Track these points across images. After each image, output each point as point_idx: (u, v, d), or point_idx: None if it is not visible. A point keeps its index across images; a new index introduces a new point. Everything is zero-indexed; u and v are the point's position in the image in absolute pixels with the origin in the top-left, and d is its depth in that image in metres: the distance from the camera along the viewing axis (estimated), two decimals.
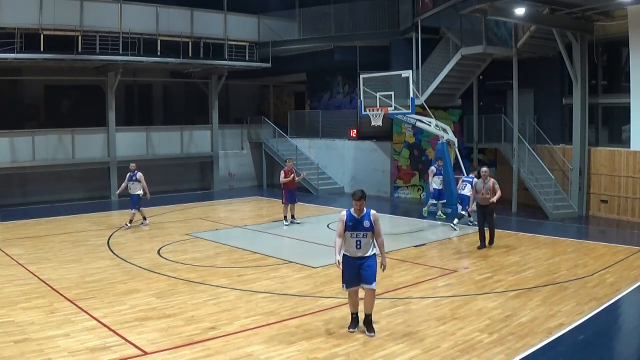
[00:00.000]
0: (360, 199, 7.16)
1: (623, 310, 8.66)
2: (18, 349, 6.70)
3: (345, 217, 7.19)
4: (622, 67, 16.84)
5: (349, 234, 7.13)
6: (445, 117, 19.59)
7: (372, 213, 7.16)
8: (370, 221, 7.11)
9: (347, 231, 7.13)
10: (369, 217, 7.13)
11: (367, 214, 7.14)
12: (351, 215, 7.17)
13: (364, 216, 7.13)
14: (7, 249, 12.16)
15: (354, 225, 7.12)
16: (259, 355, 6.63)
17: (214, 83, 23.17)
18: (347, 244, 7.16)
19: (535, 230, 14.39)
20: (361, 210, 7.16)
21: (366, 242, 7.12)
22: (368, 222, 7.11)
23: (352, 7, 22.14)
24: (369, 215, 7.14)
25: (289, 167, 15.45)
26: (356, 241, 7.11)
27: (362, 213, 7.15)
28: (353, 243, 7.13)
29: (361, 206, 7.15)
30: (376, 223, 7.13)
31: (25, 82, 21.18)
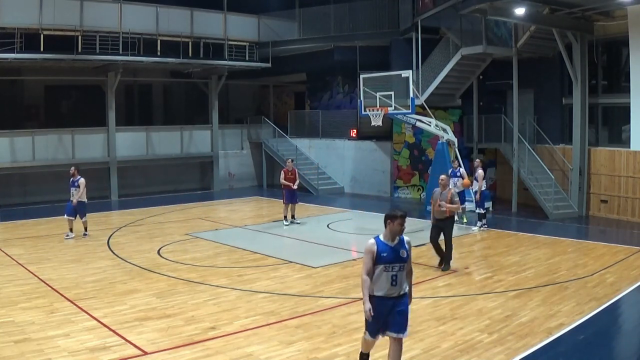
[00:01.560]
0: (403, 218, 5.66)
1: (623, 310, 8.66)
2: (18, 349, 6.70)
3: (376, 247, 5.58)
4: (622, 67, 16.84)
5: (383, 267, 5.55)
6: (445, 117, 19.58)
7: (407, 240, 5.72)
8: (407, 250, 5.68)
9: (380, 265, 5.56)
10: (404, 244, 5.68)
11: (402, 241, 5.68)
12: (384, 244, 5.61)
13: (400, 243, 5.66)
14: (7, 249, 12.16)
15: (389, 256, 5.56)
16: (259, 355, 6.63)
17: (214, 83, 23.17)
18: (379, 282, 5.59)
19: (535, 230, 14.39)
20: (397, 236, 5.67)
21: (402, 276, 5.66)
22: (405, 251, 5.65)
23: (352, 7, 22.14)
24: (404, 242, 5.70)
25: (289, 167, 15.38)
26: (392, 276, 5.57)
27: (397, 240, 5.66)
28: (388, 279, 5.57)
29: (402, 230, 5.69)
30: (410, 251, 5.76)
31: (25, 82, 21.18)
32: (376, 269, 5.55)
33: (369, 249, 5.57)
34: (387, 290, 5.58)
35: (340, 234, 14.32)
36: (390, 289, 5.59)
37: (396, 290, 5.61)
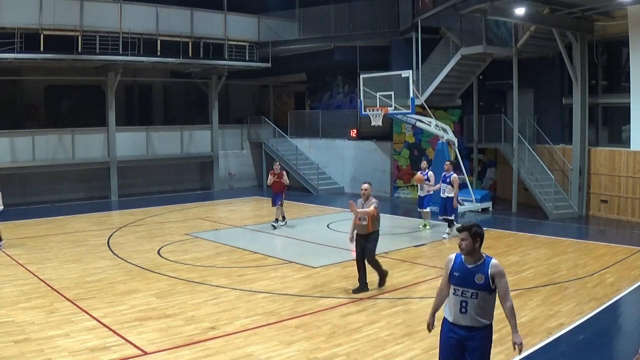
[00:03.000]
0: (462, 232, 4.77)
1: (623, 310, 8.66)
2: (18, 349, 6.69)
3: (452, 264, 4.87)
4: (622, 67, 16.84)
5: (453, 289, 4.84)
6: (445, 117, 19.59)
7: (493, 264, 4.72)
8: (487, 276, 4.69)
9: (451, 284, 4.86)
10: (486, 269, 4.71)
11: (485, 265, 4.73)
12: (462, 262, 4.81)
13: (480, 266, 4.73)
14: (7, 249, 12.15)
15: (460, 277, 4.77)
16: (259, 355, 6.63)
17: (214, 83, 23.16)
18: (449, 304, 4.92)
19: (535, 230, 14.39)
20: (473, 254, 4.76)
21: (475, 305, 4.74)
22: (483, 276, 4.69)
23: (352, 7, 22.13)
24: (488, 266, 4.72)
25: (275, 169, 15.32)
26: (461, 302, 4.79)
27: (478, 261, 4.76)
28: (457, 304, 4.82)
29: (468, 246, 4.74)
30: (499, 280, 4.70)
31: (25, 82, 21.17)
32: (450, 288, 4.88)
33: (446, 262, 4.95)
34: (454, 317, 4.86)
35: (340, 234, 14.29)
36: (458, 315, 4.81)
37: (465, 319, 4.78)
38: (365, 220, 8.93)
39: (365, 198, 9.13)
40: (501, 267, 4.75)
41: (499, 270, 4.71)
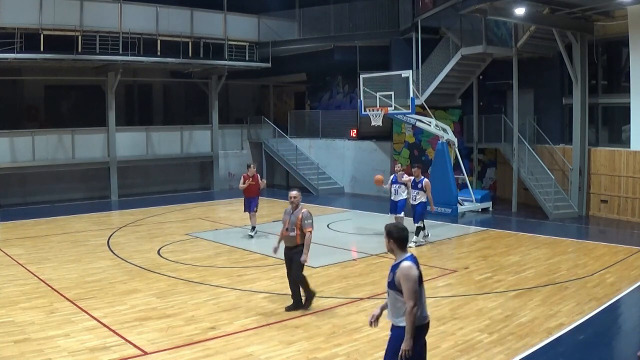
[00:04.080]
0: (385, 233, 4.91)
1: (623, 310, 8.66)
2: (18, 349, 6.70)
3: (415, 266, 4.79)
4: (622, 67, 16.84)
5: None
6: (445, 117, 19.57)
7: (402, 266, 4.72)
8: (394, 276, 4.76)
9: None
10: (396, 269, 4.78)
11: (396, 265, 4.79)
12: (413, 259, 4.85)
13: (394, 266, 4.84)
14: (7, 249, 12.16)
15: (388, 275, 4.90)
16: (259, 355, 6.63)
17: (214, 83, 23.16)
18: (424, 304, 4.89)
19: (535, 230, 14.39)
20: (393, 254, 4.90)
21: (390, 303, 4.88)
22: (392, 275, 4.79)
23: (352, 7, 22.13)
24: (398, 267, 4.76)
25: (250, 172, 13.87)
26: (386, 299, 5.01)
27: (397, 260, 4.84)
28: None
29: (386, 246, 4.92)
30: (403, 282, 4.68)
31: (25, 82, 21.18)
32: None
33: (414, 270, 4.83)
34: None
35: (340, 234, 14.32)
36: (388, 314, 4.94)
37: (388, 317, 4.90)
38: (294, 232, 8.12)
39: (295, 207, 8.28)
40: (407, 271, 4.68)
41: (404, 273, 4.68)
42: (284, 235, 8.28)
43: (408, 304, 4.64)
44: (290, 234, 8.15)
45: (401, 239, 4.83)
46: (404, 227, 4.92)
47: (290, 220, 8.16)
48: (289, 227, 8.17)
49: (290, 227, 8.15)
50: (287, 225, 8.20)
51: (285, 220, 8.25)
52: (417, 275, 4.71)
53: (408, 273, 4.67)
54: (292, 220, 8.14)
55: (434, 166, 17.50)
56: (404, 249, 4.84)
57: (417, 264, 4.79)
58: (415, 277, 4.68)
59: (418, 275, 4.73)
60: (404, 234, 4.86)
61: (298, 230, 8.09)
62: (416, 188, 12.70)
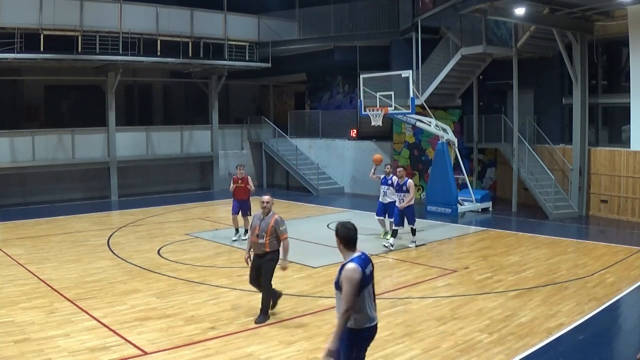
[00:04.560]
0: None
1: (623, 310, 8.66)
2: (18, 349, 6.70)
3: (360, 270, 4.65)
4: (622, 67, 16.84)
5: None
6: (445, 117, 19.57)
7: (346, 267, 4.63)
8: (339, 277, 4.66)
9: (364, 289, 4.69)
10: (341, 270, 4.67)
11: (342, 266, 4.69)
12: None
13: (341, 266, 4.71)
14: (7, 249, 12.16)
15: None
16: (259, 355, 6.63)
17: (214, 83, 23.16)
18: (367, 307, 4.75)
19: (535, 230, 14.38)
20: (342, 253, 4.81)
21: (337, 304, 4.77)
22: (338, 276, 4.68)
23: (352, 7, 22.13)
24: (343, 268, 4.66)
25: (239, 174, 13.24)
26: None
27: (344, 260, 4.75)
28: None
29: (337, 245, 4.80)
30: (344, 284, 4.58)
31: (25, 82, 21.18)
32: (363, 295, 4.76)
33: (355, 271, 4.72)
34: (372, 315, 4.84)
35: None
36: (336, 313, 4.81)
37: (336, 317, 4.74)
38: (264, 239, 7.73)
39: (266, 212, 7.91)
40: (350, 273, 4.55)
41: (346, 275, 4.56)
42: (253, 242, 7.84)
43: (342, 305, 4.55)
44: (260, 240, 7.74)
45: (346, 238, 4.69)
46: (352, 226, 4.73)
47: (260, 227, 7.75)
48: (258, 233, 7.74)
49: (260, 234, 7.73)
50: (257, 232, 7.76)
51: (255, 227, 7.80)
52: (359, 279, 4.55)
53: (350, 276, 4.54)
54: (263, 227, 7.75)
55: (434, 166, 17.50)
56: (351, 248, 4.70)
57: (365, 265, 4.65)
58: (356, 281, 4.53)
59: (360, 278, 4.56)
60: (351, 233, 4.70)
61: (268, 237, 7.72)
62: (401, 191, 12.26)
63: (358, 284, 4.54)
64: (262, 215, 7.90)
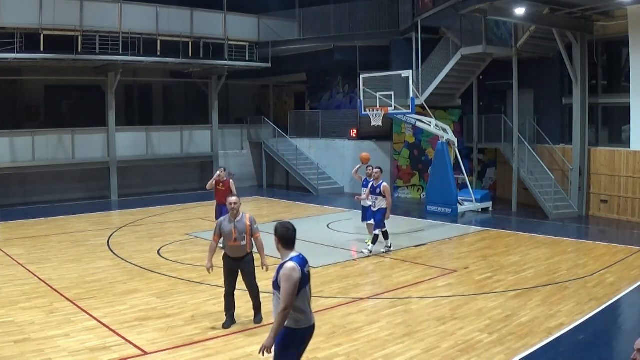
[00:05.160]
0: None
1: (623, 310, 8.66)
2: (18, 349, 6.70)
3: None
4: (622, 67, 16.84)
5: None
6: (445, 117, 19.58)
7: (285, 266, 4.67)
8: (277, 276, 4.70)
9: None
10: (279, 270, 4.71)
11: (281, 266, 4.73)
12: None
13: (279, 266, 4.77)
14: (7, 249, 12.16)
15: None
16: (259, 355, 6.62)
17: (214, 83, 23.17)
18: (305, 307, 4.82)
19: (535, 230, 14.38)
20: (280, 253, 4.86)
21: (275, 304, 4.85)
22: (276, 275, 4.73)
23: (352, 7, 22.13)
24: (282, 267, 4.70)
25: (220, 177, 12.19)
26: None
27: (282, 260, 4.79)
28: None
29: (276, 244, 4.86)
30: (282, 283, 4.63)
31: (25, 82, 21.17)
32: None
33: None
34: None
35: (340, 234, 14.31)
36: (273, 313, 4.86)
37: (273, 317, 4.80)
38: (244, 240, 7.45)
39: (235, 214, 7.53)
40: (289, 272, 4.57)
41: (285, 274, 4.59)
42: (232, 246, 7.47)
43: (281, 304, 4.57)
44: (242, 243, 7.46)
45: (285, 237, 4.72)
46: (290, 226, 4.77)
47: (237, 229, 7.41)
48: (237, 236, 7.39)
49: (240, 236, 7.42)
50: (234, 236, 7.40)
51: (232, 231, 7.40)
52: (298, 278, 4.57)
53: (290, 274, 4.57)
54: (241, 229, 7.44)
55: (434, 166, 17.50)
56: (289, 248, 4.73)
57: (304, 265, 4.68)
58: (295, 280, 4.56)
59: (299, 277, 4.59)
60: (289, 233, 4.72)
61: (248, 237, 7.51)
62: (375, 194, 11.65)
63: (297, 283, 4.57)
64: (231, 217, 7.53)
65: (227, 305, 7.65)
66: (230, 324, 7.60)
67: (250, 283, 7.66)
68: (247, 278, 7.64)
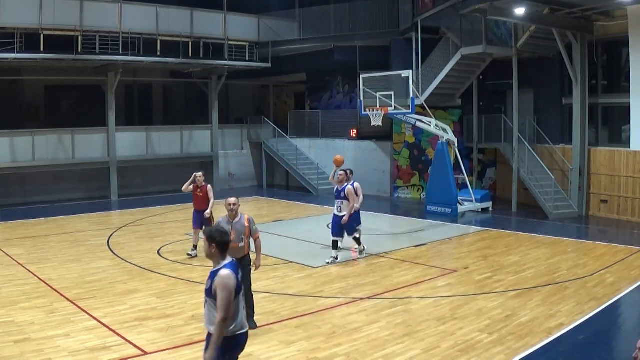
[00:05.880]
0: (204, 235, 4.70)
1: (623, 310, 8.66)
2: (18, 349, 6.70)
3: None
4: (622, 67, 16.84)
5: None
6: (445, 117, 19.58)
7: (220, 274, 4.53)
8: (212, 284, 4.55)
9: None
10: (214, 277, 4.57)
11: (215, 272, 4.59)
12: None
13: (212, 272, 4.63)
14: (7, 249, 12.16)
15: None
16: (259, 356, 6.63)
17: (214, 83, 23.16)
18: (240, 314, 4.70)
19: (535, 230, 14.38)
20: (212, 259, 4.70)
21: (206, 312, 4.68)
22: (210, 282, 4.58)
23: (352, 7, 22.13)
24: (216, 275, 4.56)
25: (198, 182, 11.51)
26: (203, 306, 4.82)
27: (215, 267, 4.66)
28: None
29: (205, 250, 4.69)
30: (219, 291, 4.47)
31: (25, 82, 21.17)
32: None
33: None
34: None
35: None
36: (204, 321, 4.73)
37: (205, 325, 4.69)
38: (243, 242, 7.36)
39: (234, 215, 7.49)
40: (226, 280, 4.45)
41: (221, 282, 4.45)
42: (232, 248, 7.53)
43: (219, 314, 4.43)
44: (240, 244, 7.34)
45: (223, 243, 4.62)
46: (226, 231, 4.72)
47: (236, 230, 7.31)
48: (234, 238, 7.12)
49: (238, 238, 7.31)
50: (232, 237, 7.10)
51: (230, 232, 6.66)
52: (234, 285, 4.48)
53: (226, 283, 4.44)
54: (240, 230, 7.38)
55: (434, 166, 17.50)
56: (224, 255, 4.63)
57: (237, 271, 4.61)
58: (232, 288, 4.46)
59: (236, 285, 4.51)
60: (227, 239, 4.65)
61: (247, 239, 7.44)
62: (339, 197, 10.98)
63: (234, 291, 4.48)
64: (230, 218, 7.47)
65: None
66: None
67: (248, 286, 7.40)
68: (245, 281, 7.51)
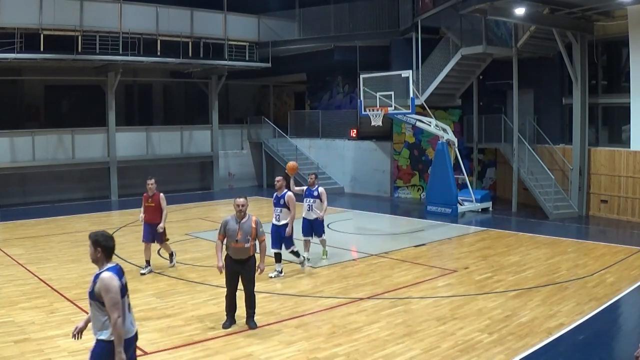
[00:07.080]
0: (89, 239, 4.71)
1: (623, 310, 8.66)
2: (18, 349, 6.70)
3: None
4: (622, 67, 16.84)
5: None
6: (445, 117, 19.58)
7: (101, 277, 4.53)
8: (93, 287, 4.57)
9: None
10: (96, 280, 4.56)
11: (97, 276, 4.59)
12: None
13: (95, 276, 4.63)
14: (7, 249, 12.16)
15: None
16: (259, 355, 6.63)
17: (214, 83, 23.17)
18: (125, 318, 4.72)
19: (535, 230, 14.38)
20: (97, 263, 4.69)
21: (91, 316, 4.70)
22: (92, 285, 4.58)
23: (352, 7, 22.14)
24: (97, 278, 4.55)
25: (150, 190, 11.00)
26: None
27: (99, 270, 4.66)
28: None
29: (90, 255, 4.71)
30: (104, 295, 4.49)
31: (25, 82, 21.18)
32: None
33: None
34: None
35: (341, 234, 14.30)
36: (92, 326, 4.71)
37: (92, 330, 4.65)
38: (248, 242, 7.39)
39: (242, 215, 7.45)
40: (108, 282, 4.47)
41: (104, 284, 4.47)
42: (235, 248, 7.40)
43: (112, 315, 4.45)
44: (246, 245, 7.39)
45: (109, 247, 4.65)
46: (111, 235, 4.74)
47: (243, 231, 7.36)
48: (240, 238, 7.33)
49: (244, 238, 7.36)
50: (238, 237, 7.35)
51: (237, 232, 7.35)
52: (118, 285, 4.52)
53: (108, 284, 4.47)
54: (246, 231, 7.38)
55: (434, 166, 17.51)
56: (109, 258, 4.66)
57: (121, 275, 4.63)
58: (116, 288, 4.50)
59: (120, 285, 4.55)
60: (112, 243, 4.68)
61: (252, 240, 7.46)
62: (278, 205, 10.36)
63: (118, 291, 4.52)
64: (237, 218, 7.47)
65: (228, 306, 7.63)
66: (230, 324, 7.57)
67: (248, 287, 7.59)
68: (248, 282, 7.58)
